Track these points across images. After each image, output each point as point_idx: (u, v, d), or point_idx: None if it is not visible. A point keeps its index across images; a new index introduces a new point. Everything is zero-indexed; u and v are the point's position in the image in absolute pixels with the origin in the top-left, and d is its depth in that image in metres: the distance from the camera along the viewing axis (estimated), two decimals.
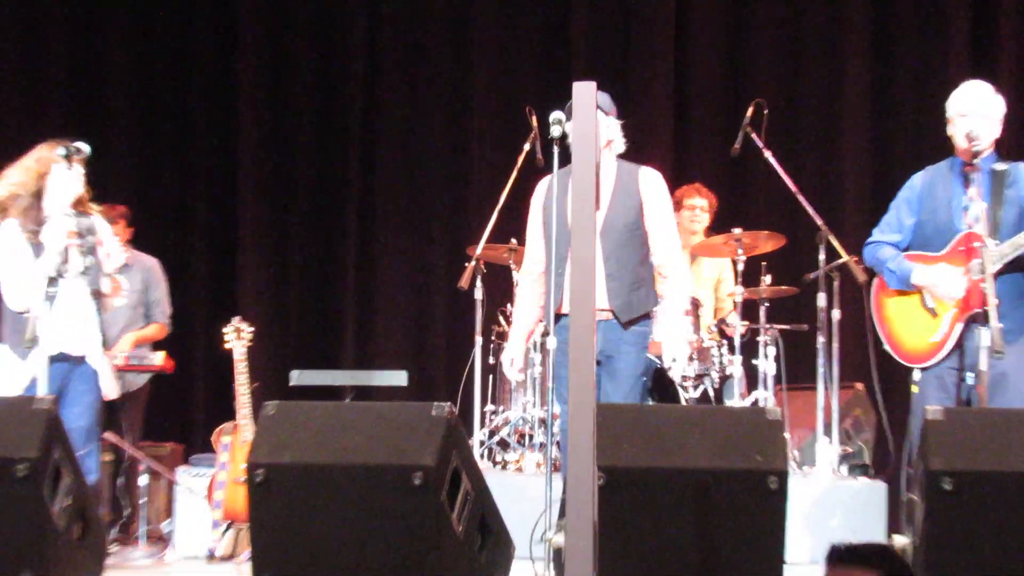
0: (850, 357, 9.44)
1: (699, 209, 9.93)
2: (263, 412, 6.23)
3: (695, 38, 11.45)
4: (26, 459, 5.94)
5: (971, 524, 5.77)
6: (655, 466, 5.95)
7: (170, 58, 11.87)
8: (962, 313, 6.95)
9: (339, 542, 5.91)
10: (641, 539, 5.87)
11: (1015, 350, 6.89)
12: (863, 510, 8.62)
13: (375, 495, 5.91)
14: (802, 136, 11.16)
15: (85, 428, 7.38)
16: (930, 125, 7.95)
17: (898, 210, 7.28)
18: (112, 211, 8.36)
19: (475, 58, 11.61)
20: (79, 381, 7.44)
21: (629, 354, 7.21)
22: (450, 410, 6.06)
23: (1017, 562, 5.78)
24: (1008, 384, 6.90)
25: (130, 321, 9.24)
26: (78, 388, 7.42)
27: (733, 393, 9.27)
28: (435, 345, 11.51)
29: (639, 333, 7.32)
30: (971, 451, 5.87)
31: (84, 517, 6.37)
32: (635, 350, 7.28)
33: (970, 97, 7.14)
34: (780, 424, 6.17)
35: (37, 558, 5.95)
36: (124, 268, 8.81)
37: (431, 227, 11.60)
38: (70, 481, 6.22)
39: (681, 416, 6.58)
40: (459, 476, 6.06)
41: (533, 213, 7.53)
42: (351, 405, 8.08)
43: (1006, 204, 7.01)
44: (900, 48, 11.17)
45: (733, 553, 5.89)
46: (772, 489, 5.88)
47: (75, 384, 7.43)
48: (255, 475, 6.00)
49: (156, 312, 9.41)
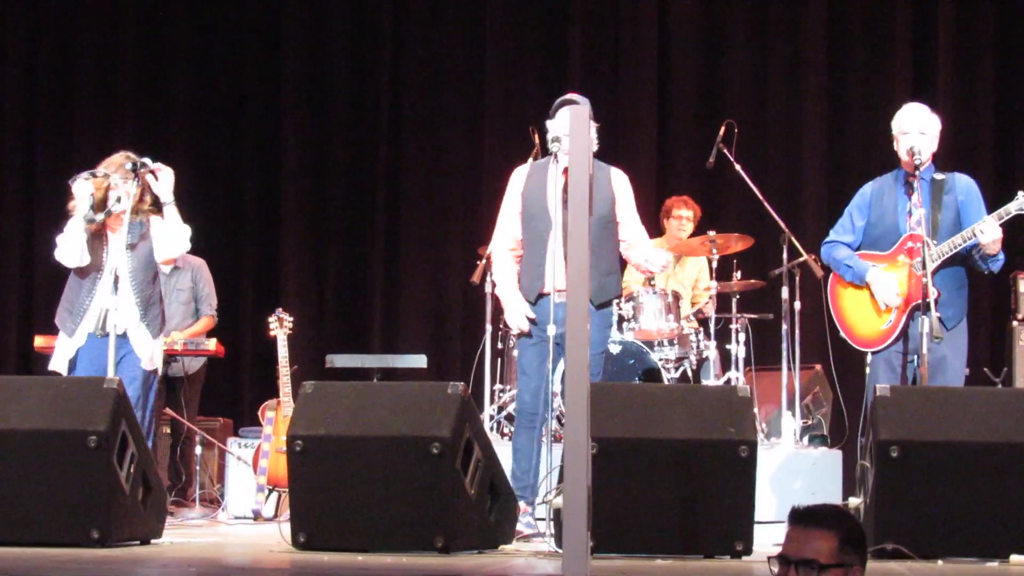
0: (810, 341, 9.42)
1: (685, 219, 9.89)
2: (302, 391, 6.22)
3: (675, 64, 11.40)
4: (97, 432, 5.94)
5: (915, 487, 5.77)
6: (641, 437, 5.94)
7: (223, 80, 11.84)
8: (907, 304, 6.94)
9: (366, 503, 5.90)
10: (629, 500, 5.86)
11: (954, 335, 6.91)
12: (822, 475, 8.60)
13: (398, 462, 5.90)
14: (768, 150, 11.12)
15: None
16: (878, 141, 7.91)
17: (851, 215, 7.26)
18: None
19: (487, 83, 11.58)
20: (127, 358, 7.38)
21: (597, 330, 7.01)
22: (463, 389, 6.05)
23: (955, 519, 5.77)
24: (947, 365, 6.89)
25: (184, 315, 9.20)
26: (126, 364, 7.35)
27: (709, 374, 9.25)
28: (451, 332, 11.48)
29: (604, 315, 7.25)
30: (915, 423, 5.87)
31: (147, 482, 6.36)
32: (598, 331, 7.10)
33: (911, 117, 7.12)
34: (749, 401, 6.17)
35: (105, 518, 5.95)
36: (175, 269, 8.82)
37: (448, 230, 11.57)
38: (135, 451, 6.22)
39: (664, 394, 6.58)
40: (471, 446, 6.04)
41: (512, 196, 7.30)
42: (377, 385, 8.07)
43: (944, 209, 7.01)
44: (852, 74, 11.14)
45: (709, 512, 5.88)
46: (743, 457, 5.87)
47: (125, 360, 7.37)
48: (294, 445, 6.00)
49: (204, 307, 9.36)
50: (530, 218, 7.16)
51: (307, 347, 10.71)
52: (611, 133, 10.95)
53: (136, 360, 7.33)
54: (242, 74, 11.90)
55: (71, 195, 7.33)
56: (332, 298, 11.71)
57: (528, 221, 7.18)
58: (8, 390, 6.24)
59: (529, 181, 7.23)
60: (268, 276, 11.69)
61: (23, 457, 5.98)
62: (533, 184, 7.20)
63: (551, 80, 11.08)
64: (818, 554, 3.64)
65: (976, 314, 8.84)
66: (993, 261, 6.93)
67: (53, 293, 11.32)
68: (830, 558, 3.64)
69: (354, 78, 11.80)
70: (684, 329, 9.13)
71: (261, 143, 11.84)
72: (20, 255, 11.55)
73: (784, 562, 3.67)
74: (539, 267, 7.00)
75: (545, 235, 7.02)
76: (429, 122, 11.74)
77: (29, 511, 5.97)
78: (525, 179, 7.28)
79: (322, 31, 11.83)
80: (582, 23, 11.49)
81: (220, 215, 11.56)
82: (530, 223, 7.16)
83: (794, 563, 3.65)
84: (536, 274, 7.05)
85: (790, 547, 3.68)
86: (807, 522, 3.70)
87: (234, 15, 11.90)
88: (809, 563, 3.63)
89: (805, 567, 3.63)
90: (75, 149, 11.53)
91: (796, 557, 3.65)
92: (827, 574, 3.63)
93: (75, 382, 6.73)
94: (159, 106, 11.79)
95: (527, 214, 7.19)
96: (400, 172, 11.70)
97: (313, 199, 11.76)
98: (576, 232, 4.57)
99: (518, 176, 7.34)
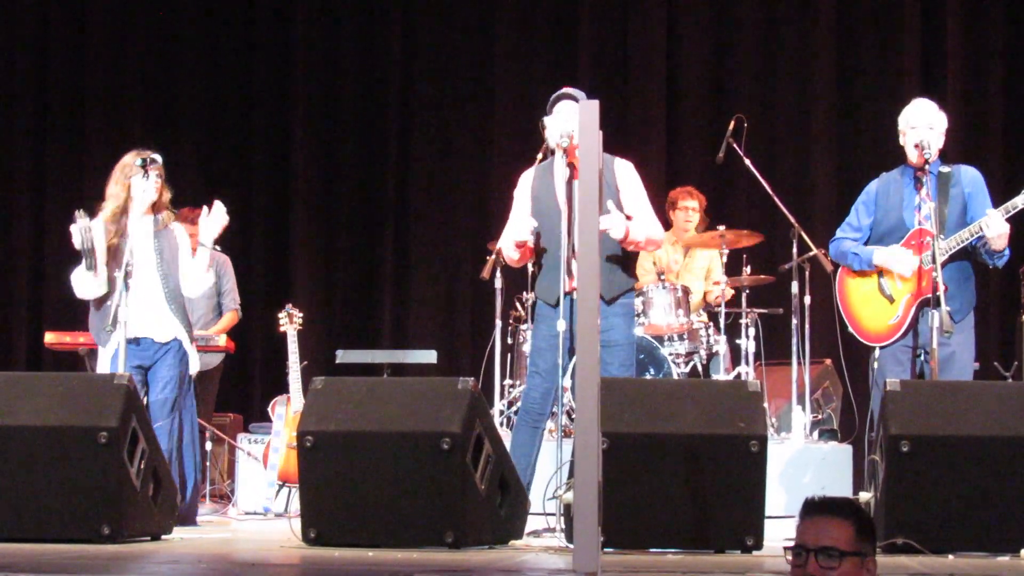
0: (820, 336, 9.41)
1: (691, 210, 9.88)
2: (312, 386, 6.22)
3: (685, 60, 11.41)
4: (107, 428, 5.94)
5: (925, 481, 5.76)
6: (651, 432, 5.93)
7: (233, 81, 11.86)
8: (915, 299, 6.93)
9: (377, 499, 5.90)
10: (639, 495, 5.85)
11: (961, 328, 6.90)
12: (832, 470, 8.59)
13: (408, 458, 5.89)
14: (777, 145, 11.12)
15: (161, 400, 7.34)
16: (887, 135, 7.89)
17: (857, 212, 7.27)
18: (192, 213, 8.30)
19: (497, 80, 11.58)
20: (162, 361, 7.40)
21: (619, 326, 6.95)
22: (474, 384, 6.04)
23: (965, 513, 5.76)
24: (955, 360, 6.89)
25: (206, 310, 9.20)
26: (161, 366, 7.38)
27: (719, 368, 9.23)
28: (461, 328, 11.48)
29: (624, 304, 7.07)
30: (925, 418, 5.86)
31: (157, 478, 6.36)
32: (623, 321, 7.01)
33: (919, 112, 7.11)
34: (759, 395, 6.16)
35: (116, 514, 5.95)
36: None
37: (457, 226, 11.57)
38: (145, 447, 6.22)
39: (674, 388, 6.57)
40: (482, 441, 6.04)
41: (521, 199, 7.16)
42: (388, 380, 8.07)
43: (951, 202, 7.00)
44: (861, 70, 11.13)
45: (720, 507, 5.87)
46: (753, 451, 5.86)
47: (160, 362, 7.39)
48: (305, 441, 5.99)
49: (228, 301, 9.35)
50: (543, 220, 7.02)
51: (317, 343, 10.72)
52: (621, 129, 11.00)
53: (174, 360, 7.36)
54: (252, 72, 11.91)
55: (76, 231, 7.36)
56: (342, 294, 11.73)
57: (542, 223, 7.03)
58: (19, 386, 6.24)
59: (536, 182, 7.13)
60: (278, 272, 11.71)
61: (34, 453, 5.99)
62: (541, 185, 7.09)
63: (560, 75, 11.04)
64: (837, 541, 3.62)
65: (985, 308, 8.83)
66: (999, 257, 6.92)
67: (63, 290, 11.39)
68: (848, 546, 3.63)
69: (364, 74, 11.81)
70: (694, 324, 9.13)
71: (271, 140, 11.86)
72: (31, 252, 11.57)
73: (802, 551, 3.65)
74: (557, 268, 6.88)
75: (559, 234, 6.93)
76: (439, 118, 11.74)
77: (40, 507, 5.97)
78: (532, 181, 7.16)
79: (333, 30, 11.83)
80: (590, 20, 11.48)
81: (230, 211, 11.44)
82: (545, 224, 7.02)
83: (813, 551, 3.62)
84: (555, 275, 6.89)
85: (808, 536, 3.66)
86: (825, 511, 3.68)
87: (244, 16, 11.91)
88: (829, 551, 3.62)
89: (825, 555, 3.61)
90: (85, 151, 11.57)
91: (815, 545, 3.63)
92: (846, 562, 3.62)
93: (85, 378, 6.75)
94: (169, 103, 11.81)
95: (539, 215, 7.05)
96: (410, 168, 11.71)
97: (323, 196, 11.78)
98: (586, 227, 4.55)
99: (525, 180, 7.21)
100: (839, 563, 3.62)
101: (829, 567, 3.61)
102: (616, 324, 6.90)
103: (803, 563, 3.64)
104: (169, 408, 7.35)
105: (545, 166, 7.14)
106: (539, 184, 7.10)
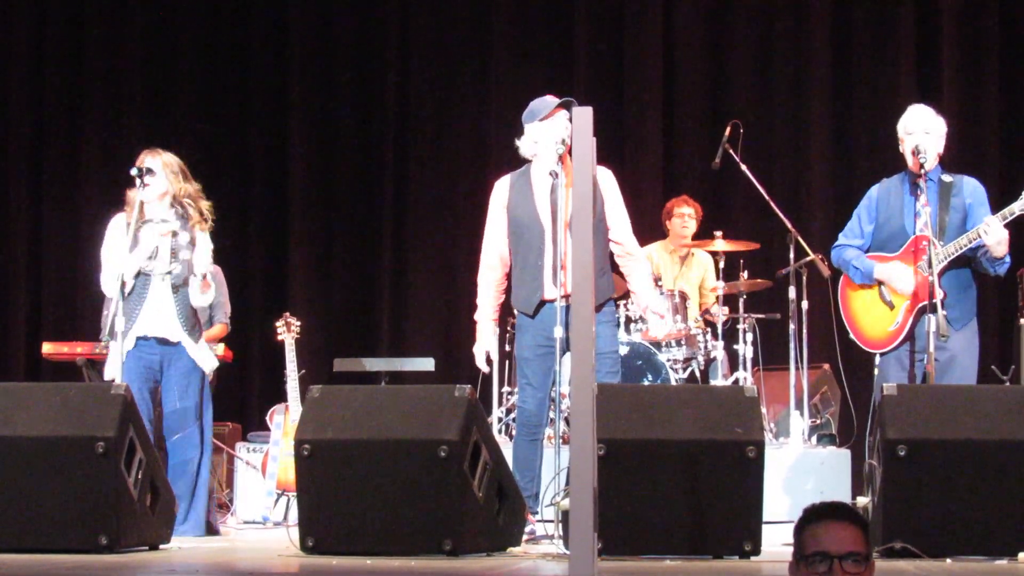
0: (817, 341, 9.40)
1: (687, 217, 9.91)
2: (309, 395, 6.21)
3: (680, 66, 11.41)
4: (105, 438, 5.94)
5: (923, 486, 5.75)
6: (648, 438, 5.92)
7: (230, 82, 11.84)
8: (914, 305, 6.93)
9: (374, 507, 5.90)
10: (637, 502, 5.84)
11: (961, 335, 6.92)
12: (830, 475, 8.59)
13: (406, 466, 5.89)
14: (773, 151, 11.11)
15: (182, 409, 7.32)
16: (884, 140, 7.90)
17: (858, 218, 7.27)
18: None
19: (493, 86, 11.57)
20: (175, 366, 7.37)
21: (604, 334, 6.93)
22: (471, 392, 6.04)
23: (963, 518, 5.76)
24: (956, 365, 6.90)
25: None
26: (175, 373, 7.35)
27: (717, 374, 9.24)
28: (458, 335, 11.45)
29: (608, 312, 7.09)
30: (922, 422, 5.85)
31: (154, 488, 6.35)
32: (608, 329, 7.02)
33: (916, 117, 7.12)
34: (757, 401, 6.15)
35: (114, 524, 5.94)
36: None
37: (455, 233, 11.55)
38: (142, 456, 6.22)
39: (671, 394, 6.57)
40: (479, 449, 6.03)
41: (496, 211, 7.17)
42: (385, 388, 8.08)
43: (952, 211, 7.01)
44: (857, 73, 11.13)
45: (718, 513, 5.86)
46: (751, 457, 5.85)
47: (173, 368, 7.36)
48: (302, 449, 5.99)
49: (219, 313, 9.32)
50: (521, 229, 7.01)
51: (315, 351, 10.70)
52: (617, 135, 11.01)
53: (186, 366, 7.34)
54: (249, 78, 11.89)
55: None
56: (339, 302, 11.72)
57: (520, 232, 7.03)
58: (16, 397, 6.23)
59: (513, 191, 7.09)
60: (276, 280, 11.69)
61: (31, 463, 5.98)
62: (518, 194, 7.07)
63: (557, 82, 11.04)
64: (856, 546, 3.62)
65: (983, 312, 8.82)
66: (1000, 264, 6.93)
67: (61, 299, 11.38)
68: (866, 549, 3.64)
69: (361, 80, 11.80)
70: (691, 329, 9.13)
71: (268, 148, 11.84)
72: (28, 261, 11.54)
73: (826, 558, 3.62)
74: (536, 277, 6.89)
75: (539, 243, 6.93)
76: (436, 125, 11.74)
77: (37, 517, 5.96)
78: (508, 190, 7.12)
79: (329, 34, 11.83)
80: (587, 28, 11.49)
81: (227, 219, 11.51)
82: (522, 234, 7.01)
83: (838, 558, 3.60)
84: (534, 285, 6.93)
85: (829, 543, 3.62)
86: (839, 516, 3.67)
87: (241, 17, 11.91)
88: (855, 555, 3.60)
89: (851, 560, 3.60)
90: (80, 156, 11.55)
91: (841, 552, 3.61)
92: (868, 565, 3.62)
93: (83, 388, 6.74)
94: (165, 109, 11.77)
95: (517, 225, 7.04)
96: (407, 175, 11.69)
97: (320, 203, 11.76)
98: (579, 233, 4.55)
99: (500, 189, 7.17)
100: (864, 567, 3.62)
101: (857, 572, 3.61)
102: (601, 332, 6.89)
103: (828, 570, 3.61)
104: (194, 416, 7.32)
105: (522, 173, 7.13)
106: (515, 193, 7.08)
